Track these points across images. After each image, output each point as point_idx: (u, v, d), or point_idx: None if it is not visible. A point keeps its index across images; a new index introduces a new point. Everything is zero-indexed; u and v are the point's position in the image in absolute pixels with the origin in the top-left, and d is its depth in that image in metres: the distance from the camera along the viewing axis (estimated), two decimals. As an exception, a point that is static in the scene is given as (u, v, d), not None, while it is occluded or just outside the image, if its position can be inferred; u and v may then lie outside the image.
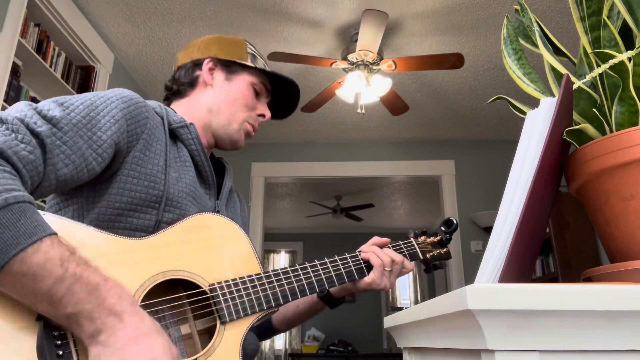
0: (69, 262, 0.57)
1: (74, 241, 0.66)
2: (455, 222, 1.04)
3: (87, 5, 2.69)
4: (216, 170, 1.03)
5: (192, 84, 1.00)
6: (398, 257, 0.96)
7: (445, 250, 1.06)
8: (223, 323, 0.74)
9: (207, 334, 0.77)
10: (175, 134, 0.90)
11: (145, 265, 0.71)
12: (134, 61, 3.23)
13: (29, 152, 0.62)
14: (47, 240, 0.57)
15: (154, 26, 2.86)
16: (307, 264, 0.91)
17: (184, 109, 0.99)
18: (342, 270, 0.93)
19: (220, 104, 0.98)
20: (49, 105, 0.70)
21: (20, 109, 0.67)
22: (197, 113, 0.98)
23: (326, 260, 0.93)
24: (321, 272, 0.91)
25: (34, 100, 2.41)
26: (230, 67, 1.01)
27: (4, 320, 0.57)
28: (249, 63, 1.01)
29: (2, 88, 2.05)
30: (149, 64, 3.26)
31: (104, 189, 0.77)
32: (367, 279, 0.94)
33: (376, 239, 1.00)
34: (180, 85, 1.01)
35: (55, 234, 0.59)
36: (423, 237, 1.06)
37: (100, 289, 0.58)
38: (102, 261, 0.67)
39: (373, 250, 0.96)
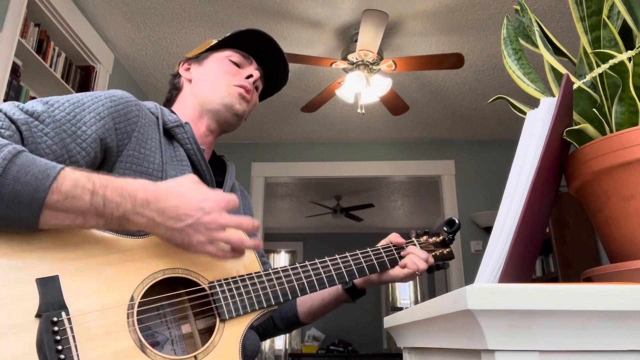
0: (91, 176, 0.65)
1: (74, 238, 0.68)
2: (457, 221, 1.04)
3: (87, 5, 2.69)
4: (218, 169, 1.04)
5: (177, 87, 1.05)
6: (424, 256, 0.97)
7: (447, 250, 1.06)
8: (223, 321, 0.74)
9: (208, 333, 0.77)
10: (170, 134, 0.91)
11: (146, 263, 0.71)
12: (134, 61, 3.23)
13: (9, 135, 0.65)
14: (66, 168, 0.64)
15: (154, 26, 2.87)
16: (317, 260, 0.91)
17: (178, 110, 1.01)
18: (364, 265, 0.93)
19: (203, 87, 1.01)
20: (33, 103, 0.73)
21: (3, 105, 0.70)
22: (188, 107, 1.01)
23: (336, 256, 0.94)
24: (330, 267, 0.91)
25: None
26: (200, 56, 1.05)
27: (3, 316, 0.57)
28: (214, 42, 1.04)
29: (2, 88, 2.05)
30: (149, 64, 3.26)
31: None
32: (392, 273, 0.96)
33: (394, 237, 1.00)
34: (169, 93, 1.07)
35: (64, 165, 0.65)
36: (425, 237, 1.05)
37: (128, 188, 0.67)
38: (102, 259, 0.68)
39: (412, 252, 0.97)
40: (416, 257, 0.95)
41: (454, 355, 0.52)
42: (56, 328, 0.59)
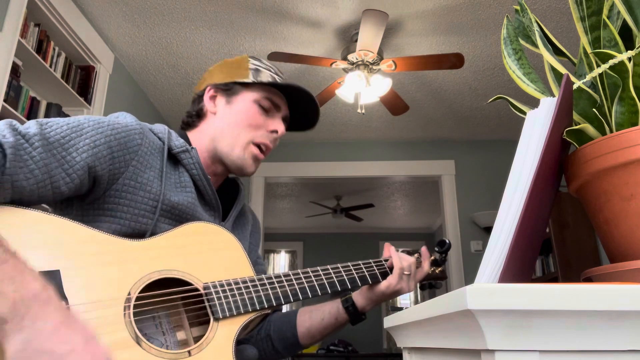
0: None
1: (75, 237, 0.70)
2: (447, 242, 1.06)
3: (87, 5, 2.69)
4: (229, 193, 1.01)
5: (199, 115, 0.99)
6: (410, 259, 1.00)
7: (440, 269, 1.08)
8: (217, 319, 0.75)
9: (201, 333, 0.78)
10: (176, 159, 0.89)
11: (142, 263, 0.74)
12: (134, 61, 3.23)
13: None
14: None
15: (154, 26, 2.86)
16: (310, 269, 0.92)
17: (193, 140, 0.97)
18: (355, 276, 0.95)
19: (223, 130, 0.95)
20: (29, 124, 0.72)
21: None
22: (203, 144, 0.96)
23: (339, 265, 0.96)
24: (332, 275, 0.92)
25: (34, 100, 2.41)
26: (230, 89, 0.97)
27: None
28: (250, 79, 0.96)
29: (2, 88, 2.05)
30: (149, 64, 3.26)
31: (92, 215, 0.78)
32: (385, 282, 0.96)
33: (388, 244, 1.04)
34: (189, 117, 1.00)
35: None
36: (417, 255, 1.07)
37: (26, 275, 0.55)
38: (102, 257, 0.71)
39: (395, 256, 0.99)
40: (398, 258, 0.98)
41: (454, 355, 0.52)
42: None
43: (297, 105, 1.02)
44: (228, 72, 0.99)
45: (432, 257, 1.08)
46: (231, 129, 0.95)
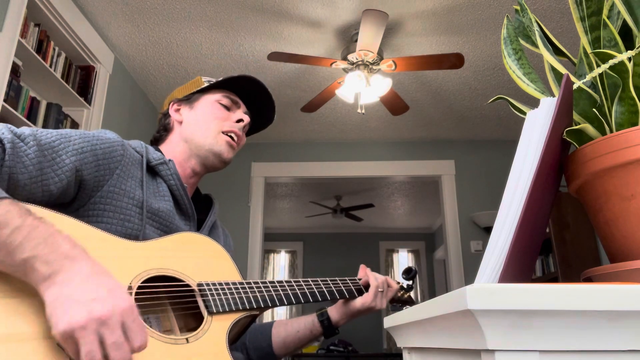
0: (27, 215, 0.63)
1: (79, 233, 0.73)
2: (414, 269, 1.17)
3: (87, 5, 2.69)
4: (202, 207, 1.07)
5: (167, 129, 1.07)
6: (382, 277, 1.10)
7: (407, 295, 1.18)
8: (211, 313, 0.80)
9: (192, 328, 0.81)
10: (155, 170, 0.95)
11: (141, 260, 0.79)
12: (134, 61, 3.23)
13: None
14: (7, 200, 0.63)
15: (154, 26, 2.86)
16: (293, 280, 1.00)
17: (166, 151, 1.04)
18: (333, 289, 1.03)
19: (192, 130, 1.03)
20: (23, 128, 0.77)
21: None
22: (176, 149, 1.03)
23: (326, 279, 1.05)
24: (320, 284, 1.01)
25: (34, 100, 2.41)
26: (190, 98, 1.07)
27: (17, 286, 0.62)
28: (205, 85, 1.06)
29: (2, 88, 2.05)
30: (149, 64, 3.26)
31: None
32: (361, 298, 1.05)
33: (362, 266, 1.14)
34: (157, 133, 1.08)
35: (12, 198, 0.64)
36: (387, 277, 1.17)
37: (56, 237, 0.63)
38: (103, 252, 0.75)
39: (373, 275, 1.09)
40: (373, 277, 1.08)
41: (454, 355, 0.52)
42: None
43: (254, 105, 1.11)
44: (187, 88, 1.09)
45: (400, 284, 1.17)
46: (200, 125, 1.03)
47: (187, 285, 0.81)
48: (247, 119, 1.05)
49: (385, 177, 4.69)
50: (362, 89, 2.84)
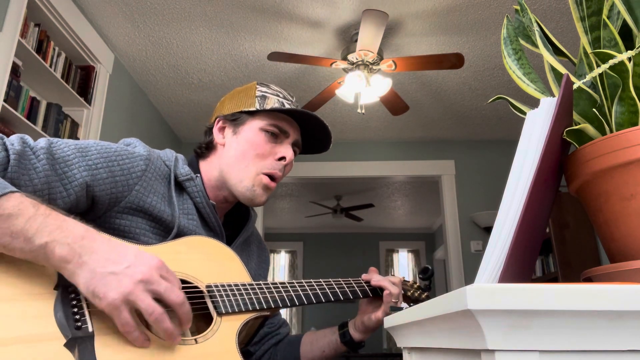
0: (39, 205, 0.66)
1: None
2: (430, 269, 1.10)
3: (87, 5, 2.69)
4: (237, 221, 1.03)
5: (209, 147, 1.00)
6: (397, 279, 1.04)
7: (425, 294, 1.14)
8: (220, 314, 0.79)
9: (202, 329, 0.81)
10: (182, 186, 0.92)
11: None
12: (134, 61, 3.23)
13: None
14: (17, 193, 0.65)
15: (154, 26, 2.86)
16: (304, 281, 0.98)
17: (204, 171, 0.98)
18: (344, 289, 0.99)
19: (230, 162, 0.96)
20: (40, 140, 0.76)
21: (12, 136, 0.74)
22: (212, 174, 0.98)
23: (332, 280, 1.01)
24: (325, 286, 0.97)
25: (34, 100, 2.41)
26: (236, 119, 0.98)
27: (23, 288, 0.65)
28: (255, 107, 0.96)
29: (2, 88, 2.05)
30: (149, 64, 3.26)
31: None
32: (380, 312, 0.99)
33: (374, 269, 1.07)
34: (199, 149, 1.02)
35: (21, 192, 0.66)
36: (402, 277, 1.12)
37: (68, 222, 0.67)
38: None
39: (388, 279, 1.01)
40: (388, 282, 1.00)
41: (454, 355, 0.52)
42: (72, 295, 0.67)
43: (308, 128, 1.01)
44: (236, 102, 1.00)
45: (417, 285, 1.13)
46: (239, 161, 0.95)
47: (196, 287, 0.81)
48: (290, 155, 0.96)
49: (385, 177, 4.69)
50: (362, 89, 2.84)
